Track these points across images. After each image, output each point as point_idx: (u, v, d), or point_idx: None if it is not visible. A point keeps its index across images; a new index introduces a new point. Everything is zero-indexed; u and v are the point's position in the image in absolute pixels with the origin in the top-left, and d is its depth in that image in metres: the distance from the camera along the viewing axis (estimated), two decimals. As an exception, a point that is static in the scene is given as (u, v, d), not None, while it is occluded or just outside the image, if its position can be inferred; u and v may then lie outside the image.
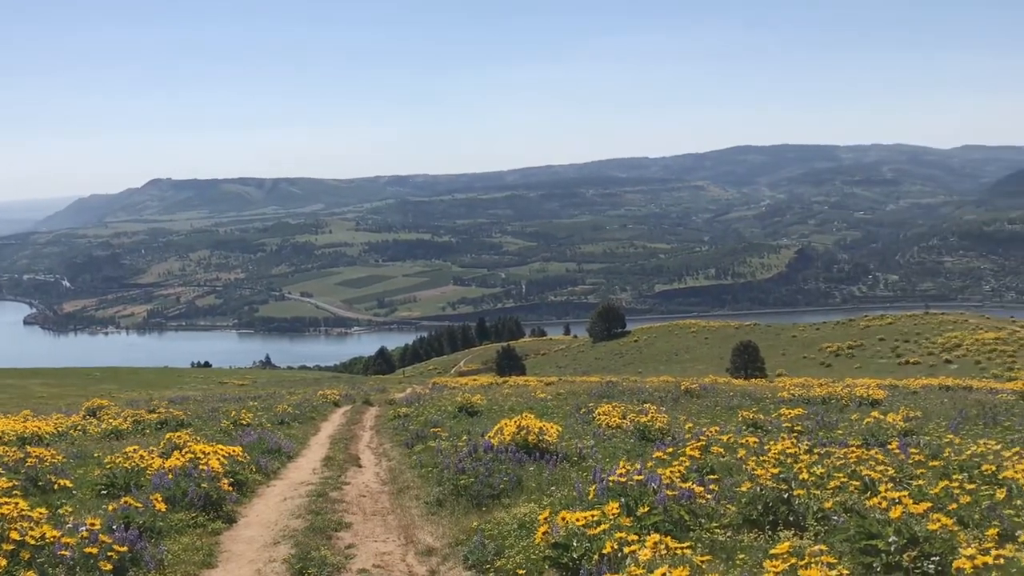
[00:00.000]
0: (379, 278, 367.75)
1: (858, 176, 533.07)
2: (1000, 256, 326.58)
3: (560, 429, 13.48)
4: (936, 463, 9.43)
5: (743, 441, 11.33)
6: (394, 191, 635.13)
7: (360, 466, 14.74)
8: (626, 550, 5.67)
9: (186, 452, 11.61)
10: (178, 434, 15.14)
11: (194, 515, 9.74)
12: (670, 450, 10.16)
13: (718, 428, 13.84)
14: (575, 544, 6.73)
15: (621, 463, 8.67)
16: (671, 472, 8.36)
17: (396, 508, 10.97)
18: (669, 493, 7.57)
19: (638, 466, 8.51)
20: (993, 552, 4.95)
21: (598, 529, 6.51)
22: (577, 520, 6.75)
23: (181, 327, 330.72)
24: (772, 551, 5.22)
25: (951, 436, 11.95)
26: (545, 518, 7.18)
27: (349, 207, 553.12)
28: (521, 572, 7.09)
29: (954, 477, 8.22)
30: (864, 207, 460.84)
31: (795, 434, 13.31)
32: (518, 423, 12.75)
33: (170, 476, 10.49)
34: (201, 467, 10.77)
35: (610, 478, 8.17)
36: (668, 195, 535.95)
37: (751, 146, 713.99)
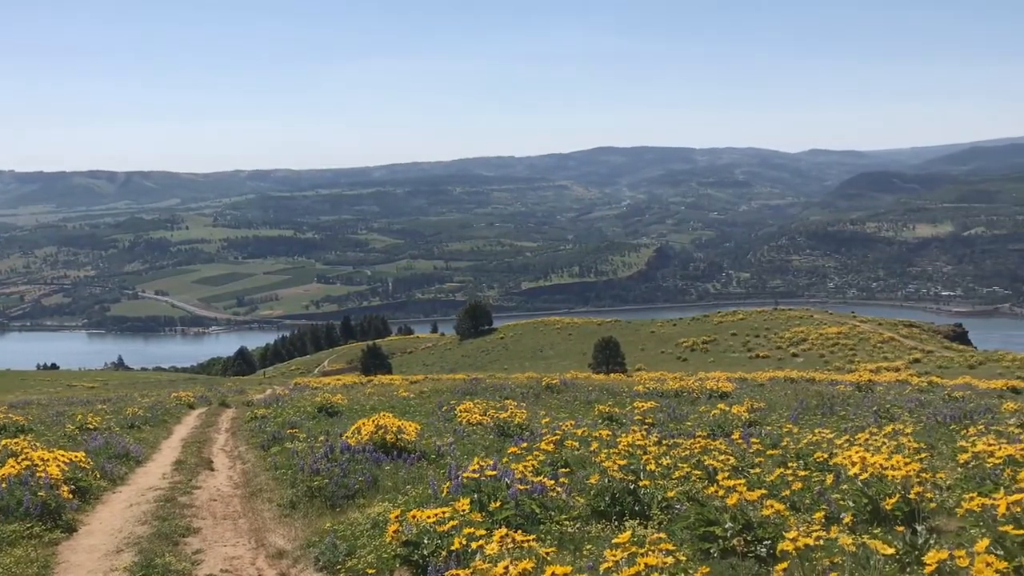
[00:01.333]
0: (239, 276, 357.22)
1: (713, 178, 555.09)
2: (843, 255, 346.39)
3: (419, 427, 13.45)
4: (774, 452, 9.92)
5: (597, 434, 11.59)
6: (255, 186, 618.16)
7: (213, 469, 14.29)
8: (474, 545, 5.71)
9: (23, 459, 10.96)
10: (16, 440, 14.26)
11: (29, 525, 9.22)
12: (525, 445, 10.29)
13: (574, 422, 14.12)
14: (426, 541, 6.74)
15: (476, 459, 8.73)
16: (524, 467, 8.47)
17: (248, 511, 10.69)
18: (521, 487, 7.68)
19: (491, 462, 8.59)
20: (814, 534, 5.23)
21: (448, 525, 6.54)
22: (428, 517, 6.76)
23: (25, 328, 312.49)
24: (615, 540, 5.36)
25: (790, 426, 12.60)
26: (396, 516, 7.15)
27: (207, 202, 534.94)
28: (371, 571, 7.04)
29: (789, 465, 8.67)
30: (718, 208, 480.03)
31: (646, 426, 13.73)
32: (376, 422, 12.64)
33: (3, 485, 9.89)
34: (39, 474, 10.20)
35: (464, 475, 8.21)
36: (534, 194, 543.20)
37: (613, 147, 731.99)
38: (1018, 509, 5.74)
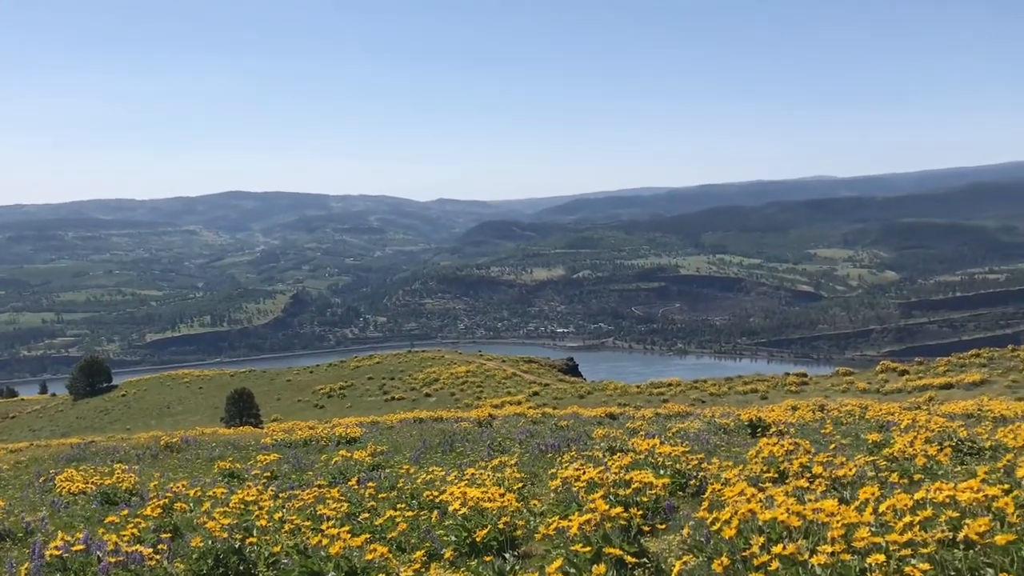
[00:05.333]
0: None
1: (348, 224, 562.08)
2: (471, 297, 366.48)
3: (3, 504, 11.94)
4: (390, 494, 10.12)
5: (211, 493, 11.07)
6: None
7: None
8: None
9: None
10: None
11: None
12: (124, 512, 9.54)
13: (187, 483, 13.37)
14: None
15: (60, 534, 7.92)
16: (122, 536, 7.84)
17: None
18: (112, 560, 7.08)
19: (82, 535, 7.84)
20: (413, 572, 5.38)
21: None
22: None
23: None
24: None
25: (408, 467, 12.94)
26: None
27: None
28: None
29: (399, 506, 8.88)
30: (354, 253, 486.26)
31: (266, 480, 13.37)
32: (-52, 502, 11.01)
33: None
34: None
35: (47, 552, 7.41)
36: (158, 239, 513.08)
37: (245, 191, 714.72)
38: (588, 528, 6.36)
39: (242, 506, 9.26)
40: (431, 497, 9.41)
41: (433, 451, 16.97)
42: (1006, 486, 5.38)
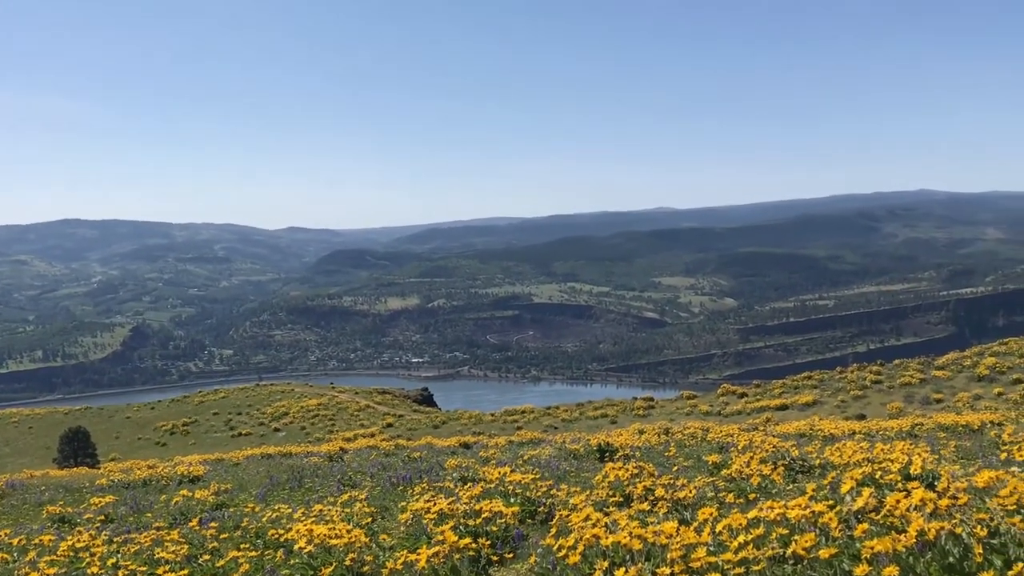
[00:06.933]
0: None
1: (192, 254, 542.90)
2: (323, 328, 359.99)
3: None
4: (234, 534, 9.75)
5: (38, 541, 10.36)
6: None
7: None
8: None
9: None
10: None
11: None
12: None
13: (10, 530, 12.47)
14: None
15: None
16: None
17: None
18: (-80, 621, 6.51)
19: None
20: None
21: None
22: None
23: None
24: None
25: (253, 505, 12.52)
26: None
27: None
28: None
29: (242, 547, 8.57)
30: (199, 284, 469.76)
31: (100, 524, 12.64)
32: None
33: None
34: None
35: None
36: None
37: (81, 220, 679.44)
38: (437, 560, 6.33)
39: (72, 553, 8.72)
40: (277, 535, 9.12)
41: (281, 488, 16.49)
42: (831, 502, 5.70)
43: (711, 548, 5.25)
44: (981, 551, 4.40)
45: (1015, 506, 4.98)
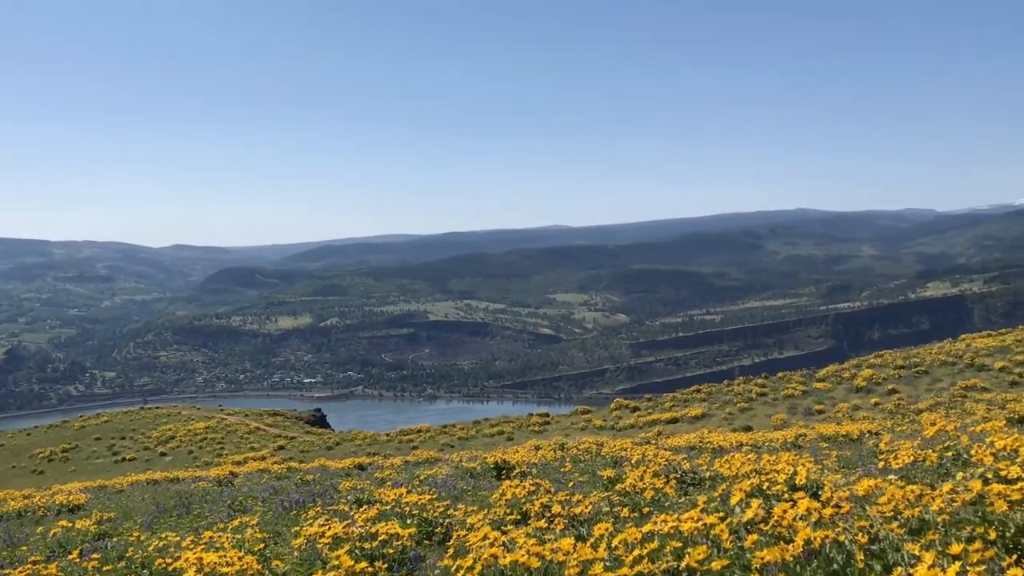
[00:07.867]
0: None
1: (72, 272, 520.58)
2: (211, 349, 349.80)
3: None
4: (116, 566, 9.35)
5: None
6: None
7: None
8: None
9: None
10: None
11: None
12: None
13: None
14: None
15: None
16: None
17: None
18: None
19: None
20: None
21: None
22: None
23: None
24: None
25: (139, 533, 12.05)
26: None
27: None
28: None
29: (127, 578, 8.24)
30: (79, 304, 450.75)
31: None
32: None
33: None
34: None
35: None
36: None
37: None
38: (333, 585, 6.21)
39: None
40: (164, 565, 8.80)
41: (168, 515, 15.91)
42: (722, 514, 5.85)
43: (607, 563, 5.32)
44: (863, 557, 4.59)
45: (892, 513, 5.23)
